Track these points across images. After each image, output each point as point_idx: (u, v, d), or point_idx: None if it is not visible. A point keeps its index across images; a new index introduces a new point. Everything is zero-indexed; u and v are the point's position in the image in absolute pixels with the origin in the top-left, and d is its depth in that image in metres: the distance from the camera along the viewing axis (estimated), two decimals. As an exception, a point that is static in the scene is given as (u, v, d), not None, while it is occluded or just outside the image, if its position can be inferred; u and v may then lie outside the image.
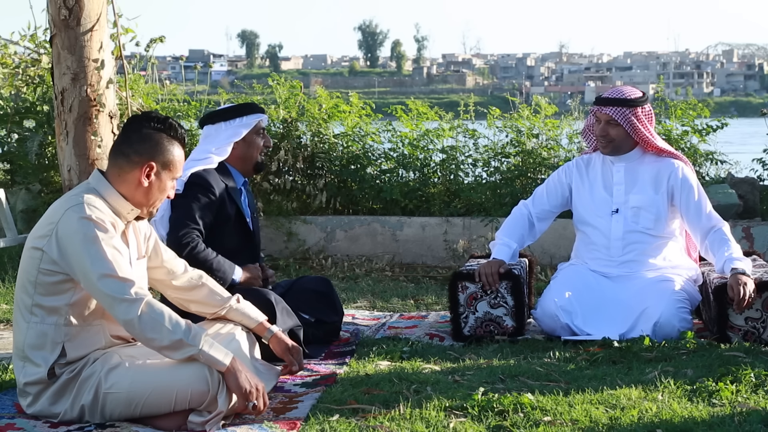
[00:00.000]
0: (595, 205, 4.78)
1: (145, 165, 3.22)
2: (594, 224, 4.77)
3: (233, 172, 4.44)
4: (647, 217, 4.67)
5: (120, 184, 3.23)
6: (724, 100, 75.69)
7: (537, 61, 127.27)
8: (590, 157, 4.90)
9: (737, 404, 3.31)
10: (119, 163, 3.24)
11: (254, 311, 3.60)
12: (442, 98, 41.21)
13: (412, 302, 5.84)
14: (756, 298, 4.29)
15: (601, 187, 4.79)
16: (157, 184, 3.26)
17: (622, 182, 4.74)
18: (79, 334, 3.17)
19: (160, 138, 3.25)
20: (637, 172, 4.74)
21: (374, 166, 7.68)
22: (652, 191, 4.69)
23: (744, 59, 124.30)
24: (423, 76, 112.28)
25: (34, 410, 3.21)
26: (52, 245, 3.11)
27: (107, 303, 3.07)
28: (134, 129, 3.26)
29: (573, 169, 4.90)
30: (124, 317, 3.05)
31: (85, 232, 3.07)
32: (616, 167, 4.76)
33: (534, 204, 4.93)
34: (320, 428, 3.12)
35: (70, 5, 5.23)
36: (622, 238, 4.69)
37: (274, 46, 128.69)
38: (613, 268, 4.70)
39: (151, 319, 3.03)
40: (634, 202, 4.70)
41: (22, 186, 7.43)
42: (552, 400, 3.36)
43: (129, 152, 3.23)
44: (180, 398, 3.09)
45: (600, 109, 4.70)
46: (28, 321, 3.17)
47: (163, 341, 3.05)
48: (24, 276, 3.20)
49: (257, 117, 4.46)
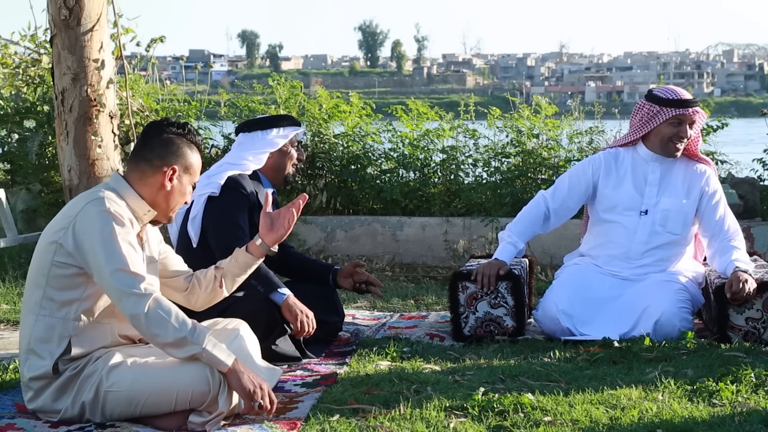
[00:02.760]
0: (622, 204, 4.66)
1: (168, 168, 3.26)
2: (619, 222, 4.66)
3: (264, 181, 4.47)
4: (675, 221, 4.60)
5: (141, 188, 3.27)
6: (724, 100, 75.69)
7: (537, 61, 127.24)
8: (617, 152, 4.73)
9: (737, 404, 3.31)
10: (141, 167, 3.27)
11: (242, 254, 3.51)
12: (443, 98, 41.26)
13: (413, 302, 5.84)
14: (757, 298, 4.28)
15: (630, 185, 4.66)
16: (179, 188, 3.30)
17: (656, 183, 4.64)
18: (86, 331, 3.18)
19: (180, 142, 3.30)
20: (671, 174, 4.66)
21: (374, 166, 7.68)
22: (684, 196, 4.62)
23: (744, 59, 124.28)
24: (423, 76, 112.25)
25: (35, 405, 3.21)
26: (69, 237, 3.13)
27: (116, 297, 3.08)
28: (154, 134, 3.30)
29: (601, 163, 4.72)
30: (131, 311, 3.06)
31: (103, 224, 3.10)
32: (651, 167, 4.65)
33: (554, 198, 4.77)
34: (320, 428, 3.12)
35: (71, 5, 5.24)
36: (645, 241, 4.62)
37: (274, 46, 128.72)
38: (628, 270, 4.65)
39: (157, 315, 3.04)
40: (664, 204, 4.61)
41: (22, 186, 7.43)
42: (552, 400, 3.36)
43: (151, 157, 3.27)
44: (181, 398, 3.09)
45: (695, 111, 4.55)
46: (37, 314, 3.17)
47: (168, 338, 3.05)
48: (36, 269, 3.21)
49: (295, 129, 4.52)
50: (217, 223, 4.21)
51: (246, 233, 4.20)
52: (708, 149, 7.34)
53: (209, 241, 4.23)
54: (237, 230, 4.18)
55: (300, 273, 4.71)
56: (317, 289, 4.59)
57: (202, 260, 3.90)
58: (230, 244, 4.12)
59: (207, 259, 4.04)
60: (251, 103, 7.86)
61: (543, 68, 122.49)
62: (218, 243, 4.18)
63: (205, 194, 4.28)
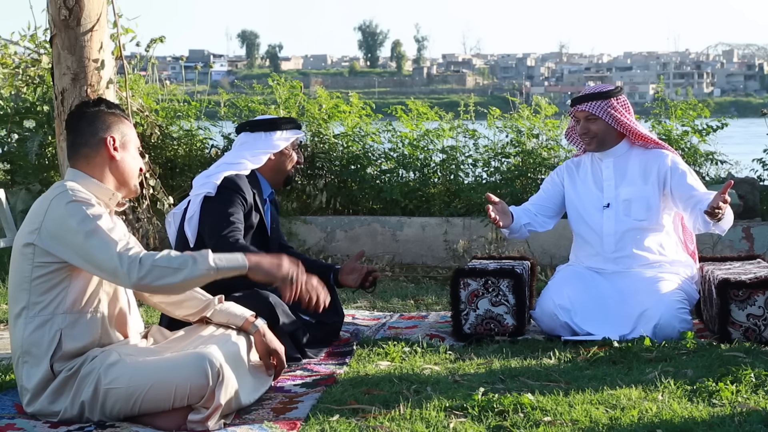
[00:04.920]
0: (585, 203, 4.81)
1: (107, 138, 3.30)
2: (586, 222, 4.80)
3: (262, 181, 4.47)
4: (638, 208, 4.69)
5: (94, 172, 3.29)
6: (724, 101, 75.68)
7: (537, 61, 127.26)
8: (580, 159, 4.96)
9: (737, 404, 3.31)
10: (83, 152, 3.30)
11: (239, 308, 3.58)
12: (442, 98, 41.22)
13: (412, 302, 5.84)
14: (759, 294, 4.29)
15: (591, 184, 4.83)
16: (127, 155, 3.34)
17: (612, 177, 4.78)
18: (76, 324, 3.19)
19: (103, 114, 3.34)
20: (626, 165, 4.77)
21: (374, 166, 7.69)
22: (642, 182, 4.71)
23: (744, 59, 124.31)
24: (423, 76, 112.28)
25: (33, 409, 3.20)
26: (43, 236, 3.14)
27: (110, 274, 3.11)
28: (77, 118, 3.34)
29: (564, 170, 4.97)
30: (130, 281, 3.08)
31: (75, 212, 3.12)
32: (605, 163, 4.80)
33: (533, 203, 4.98)
34: (320, 428, 3.12)
35: (70, 5, 5.23)
36: (614, 233, 4.71)
37: (274, 47, 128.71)
38: (607, 264, 4.72)
39: (156, 269, 3.08)
40: (624, 194, 4.72)
41: (22, 186, 7.43)
42: (552, 401, 3.36)
43: (85, 138, 3.30)
44: (179, 393, 3.09)
45: (577, 107, 4.76)
46: (26, 317, 3.18)
47: (177, 280, 3.10)
48: (18, 275, 3.21)
49: (296, 132, 4.55)
50: (213, 222, 4.21)
51: (239, 228, 4.19)
52: (708, 149, 7.35)
53: (205, 240, 4.23)
54: (229, 224, 4.17)
55: None
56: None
57: None
58: (221, 236, 4.12)
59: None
60: (251, 104, 7.86)
61: (543, 68, 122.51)
62: (210, 238, 4.18)
63: (202, 194, 4.28)
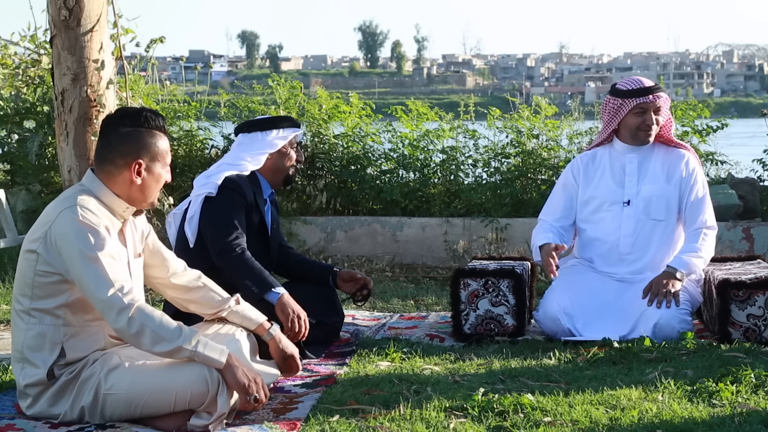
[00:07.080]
0: (604, 199, 4.70)
1: (133, 164, 3.20)
2: (604, 219, 4.70)
3: (262, 182, 4.47)
4: (658, 206, 4.63)
5: (113, 186, 3.22)
6: (724, 101, 75.61)
7: (537, 61, 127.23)
8: (594, 152, 4.81)
9: (737, 405, 3.30)
10: (106, 168, 3.22)
11: (254, 312, 3.59)
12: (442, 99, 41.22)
13: (413, 303, 5.84)
14: (759, 294, 4.29)
15: (610, 179, 4.71)
16: (151, 178, 3.24)
17: (635, 173, 4.68)
18: (78, 335, 3.17)
19: (138, 134, 3.21)
20: (650, 162, 4.70)
21: (374, 166, 7.69)
22: (665, 181, 4.66)
23: (744, 60, 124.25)
24: (423, 76, 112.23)
25: (33, 411, 3.20)
26: (47, 247, 3.11)
27: (99, 308, 3.08)
28: (111, 131, 3.22)
29: (579, 166, 4.80)
30: (116, 325, 3.05)
31: (79, 237, 3.06)
32: (629, 158, 4.70)
33: (553, 212, 4.82)
34: (320, 429, 3.12)
35: (70, 6, 5.23)
36: (632, 233, 4.64)
37: (274, 47, 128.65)
38: (619, 267, 4.66)
39: (143, 325, 3.03)
40: (646, 192, 4.65)
41: (22, 186, 7.43)
42: (552, 401, 3.36)
43: (113, 157, 3.20)
44: (180, 398, 3.09)
45: (657, 96, 4.61)
46: (27, 323, 3.17)
47: (156, 347, 3.05)
48: (21, 279, 3.20)
49: (294, 131, 4.52)
50: (214, 222, 4.21)
51: (242, 233, 4.20)
52: (708, 149, 7.35)
53: (206, 241, 4.23)
54: (233, 230, 4.18)
55: (299, 274, 4.71)
56: (317, 290, 4.59)
57: (200, 260, 3.90)
58: (226, 242, 4.12)
59: (204, 260, 4.04)
60: (251, 104, 7.87)
61: (543, 69, 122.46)
62: (214, 242, 4.18)
63: (202, 194, 4.28)
